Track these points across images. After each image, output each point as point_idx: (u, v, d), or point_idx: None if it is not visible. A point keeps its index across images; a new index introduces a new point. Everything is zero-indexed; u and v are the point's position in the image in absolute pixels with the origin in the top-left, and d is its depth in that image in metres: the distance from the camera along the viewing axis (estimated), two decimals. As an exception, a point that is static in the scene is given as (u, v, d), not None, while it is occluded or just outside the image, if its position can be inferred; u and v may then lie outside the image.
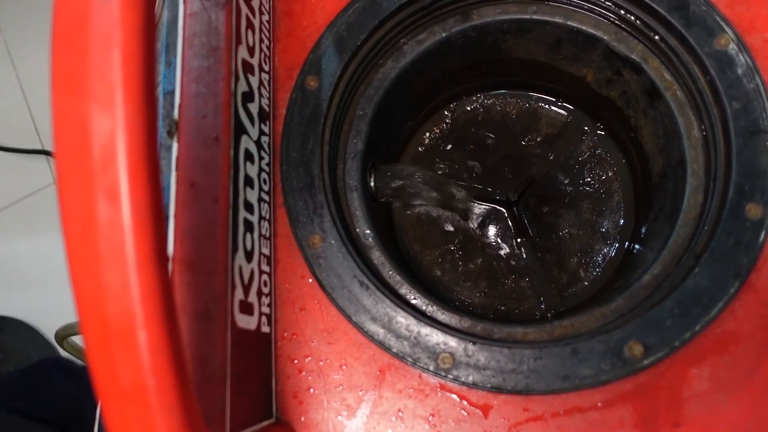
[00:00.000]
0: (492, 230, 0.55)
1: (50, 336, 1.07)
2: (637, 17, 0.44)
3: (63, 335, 0.91)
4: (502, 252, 0.54)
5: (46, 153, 1.13)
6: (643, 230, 0.50)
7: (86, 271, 0.22)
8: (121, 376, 0.23)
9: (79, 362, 0.95)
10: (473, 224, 0.55)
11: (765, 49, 0.41)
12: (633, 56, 0.45)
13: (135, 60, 0.23)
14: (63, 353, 1.04)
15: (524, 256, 0.54)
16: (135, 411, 0.23)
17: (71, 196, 0.22)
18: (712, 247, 0.39)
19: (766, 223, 0.38)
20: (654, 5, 0.43)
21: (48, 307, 1.09)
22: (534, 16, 0.47)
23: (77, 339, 0.96)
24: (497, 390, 0.38)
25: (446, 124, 0.57)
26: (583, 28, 0.46)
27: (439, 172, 0.54)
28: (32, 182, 1.15)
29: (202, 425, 0.25)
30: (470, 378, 0.38)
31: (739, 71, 0.41)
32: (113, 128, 0.22)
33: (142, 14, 0.23)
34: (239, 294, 0.35)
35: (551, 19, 0.47)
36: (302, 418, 0.39)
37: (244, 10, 0.41)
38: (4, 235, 1.14)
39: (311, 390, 0.40)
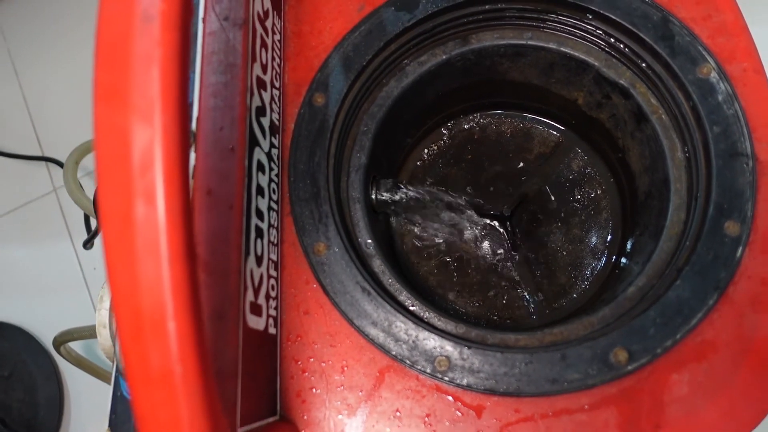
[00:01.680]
0: (486, 243, 0.57)
1: (45, 342, 1.08)
2: (625, 45, 0.47)
3: (60, 341, 0.92)
4: (495, 264, 0.56)
5: (47, 160, 1.15)
6: (629, 245, 0.52)
7: (123, 265, 0.25)
8: (151, 362, 0.25)
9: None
10: (468, 238, 0.57)
11: (744, 77, 0.44)
12: (622, 81, 0.48)
13: (172, 76, 0.25)
14: (59, 359, 1.06)
15: (516, 268, 0.56)
16: (162, 394, 0.25)
17: (111, 197, 0.25)
18: (692, 261, 0.41)
19: (743, 239, 0.41)
20: (641, 35, 0.46)
21: (44, 313, 1.10)
22: (529, 42, 0.50)
23: (74, 345, 0.98)
24: (490, 392, 0.40)
25: (444, 141, 0.60)
26: (576, 54, 0.49)
27: (436, 187, 0.57)
28: (32, 190, 1.16)
29: (220, 411, 0.27)
30: (465, 380, 0.41)
31: (720, 98, 0.44)
32: (152, 137, 0.24)
33: (180, 35, 0.25)
34: (250, 296, 0.38)
35: (545, 45, 0.50)
36: (305, 416, 0.41)
37: (259, 30, 0.43)
38: (2, 241, 1.15)
39: (314, 390, 0.42)
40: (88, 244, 0.88)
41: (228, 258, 0.36)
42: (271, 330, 0.41)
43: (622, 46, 0.47)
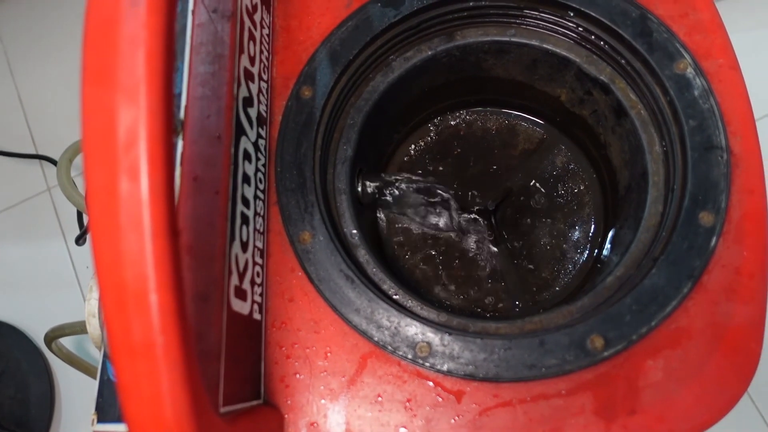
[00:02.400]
0: (471, 237, 0.58)
1: (37, 340, 1.09)
2: (605, 42, 0.48)
3: (52, 336, 0.92)
4: (480, 257, 0.57)
5: (41, 158, 1.15)
6: (610, 238, 0.53)
7: (107, 239, 0.26)
8: (134, 333, 0.26)
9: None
10: (453, 231, 0.58)
11: (719, 73, 0.45)
12: (602, 77, 0.49)
13: (157, 58, 0.26)
14: (51, 357, 1.06)
15: (501, 262, 0.57)
16: (144, 365, 0.26)
17: (97, 173, 0.26)
18: (668, 251, 0.42)
19: (717, 229, 0.42)
20: (621, 32, 0.47)
21: (36, 311, 1.10)
22: (512, 39, 0.51)
23: (65, 342, 0.98)
24: (470, 377, 0.41)
25: (431, 137, 0.61)
26: (558, 50, 0.50)
27: (422, 179, 0.58)
28: (26, 189, 1.17)
29: (201, 385, 0.28)
30: (445, 366, 0.42)
31: (696, 93, 0.45)
32: (137, 116, 0.25)
33: (165, 19, 0.26)
34: (235, 280, 0.39)
35: (528, 42, 0.51)
36: (288, 401, 0.42)
37: (247, 23, 0.44)
38: (-5, 239, 1.15)
39: (297, 375, 0.43)
40: (80, 239, 0.89)
41: (213, 242, 0.37)
42: (256, 315, 0.42)
43: (602, 42, 0.49)
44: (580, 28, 0.49)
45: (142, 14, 0.26)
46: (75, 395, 1.07)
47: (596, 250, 0.56)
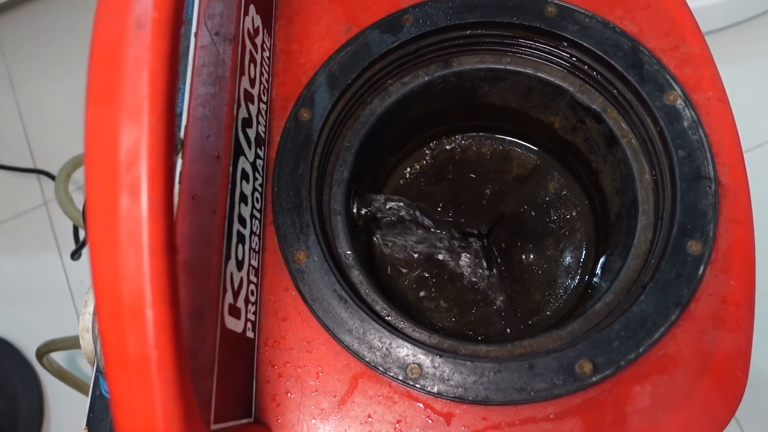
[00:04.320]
0: (463, 260, 0.59)
1: (28, 354, 1.08)
2: (598, 72, 0.50)
3: (44, 351, 0.92)
4: (472, 281, 0.58)
5: (39, 172, 1.16)
6: (600, 264, 0.54)
7: (106, 254, 0.26)
8: (129, 348, 0.26)
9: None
10: (446, 254, 0.59)
11: (708, 105, 0.46)
12: (594, 107, 0.50)
13: (161, 79, 0.27)
14: (41, 372, 1.06)
15: (492, 286, 0.58)
16: (138, 380, 0.26)
17: (98, 189, 0.26)
18: (656, 279, 0.43)
19: (705, 258, 0.43)
20: (613, 62, 0.48)
21: (28, 325, 1.10)
22: (508, 67, 0.52)
23: (56, 357, 0.98)
24: (460, 400, 0.42)
25: (426, 161, 0.62)
26: (551, 79, 0.52)
27: (416, 203, 0.58)
28: (22, 202, 1.17)
29: (194, 400, 0.29)
30: (435, 388, 0.42)
31: (685, 124, 0.46)
32: (139, 135, 0.26)
33: (170, 42, 0.27)
34: (229, 298, 0.39)
35: (523, 70, 0.52)
36: (279, 420, 0.42)
37: (249, 46, 0.45)
38: (-10, 252, 1.16)
39: (289, 394, 0.43)
40: (75, 254, 0.89)
41: (209, 260, 0.38)
42: (249, 334, 0.42)
43: (594, 72, 0.50)
44: (574, 58, 0.50)
45: (147, 37, 0.27)
46: (64, 411, 1.06)
47: (587, 276, 0.56)
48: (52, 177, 1.15)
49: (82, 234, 0.97)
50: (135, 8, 0.27)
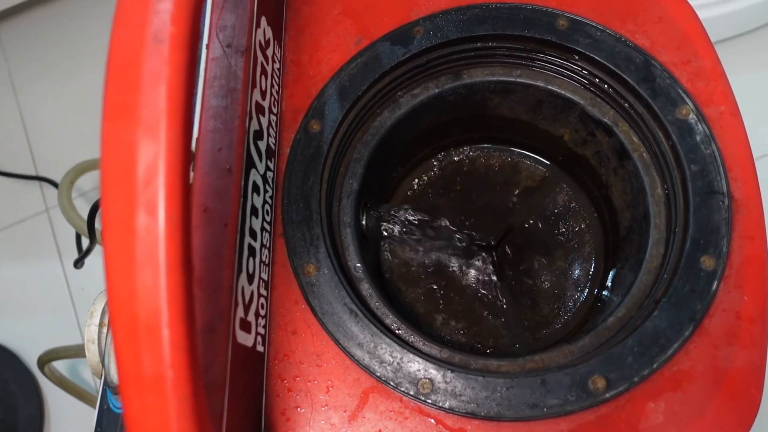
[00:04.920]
0: (472, 273, 0.58)
1: (29, 362, 1.08)
2: (609, 86, 0.49)
3: (45, 360, 0.92)
4: (480, 293, 0.58)
5: (41, 179, 1.16)
6: (610, 278, 0.54)
7: (122, 272, 0.26)
8: (144, 366, 0.26)
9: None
10: (454, 266, 0.59)
11: (720, 120, 0.46)
12: (605, 120, 0.50)
13: (179, 95, 0.27)
14: (42, 380, 1.05)
15: (501, 298, 0.58)
16: (153, 398, 0.26)
17: (115, 207, 0.26)
18: (670, 294, 0.43)
19: (719, 273, 0.43)
20: (625, 76, 0.48)
21: (29, 333, 1.09)
22: (518, 79, 0.52)
23: (58, 366, 0.97)
24: (471, 415, 0.41)
25: (434, 172, 0.62)
26: (562, 92, 0.51)
27: (425, 214, 0.58)
28: (24, 209, 1.17)
29: (208, 419, 0.28)
30: (447, 403, 0.42)
31: (698, 138, 0.46)
32: (157, 152, 0.26)
33: (187, 56, 0.27)
34: (240, 312, 0.39)
35: (533, 83, 0.52)
36: (288, 435, 0.42)
37: (260, 58, 0.45)
38: (-9, 259, 1.15)
39: (299, 409, 0.43)
40: (78, 263, 0.88)
41: (221, 274, 0.37)
42: (259, 348, 0.42)
43: (606, 86, 0.50)
44: (585, 72, 0.50)
45: (165, 51, 0.27)
46: (65, 420, 1.06)
47: (596, 290, 0.56)
48: (54, 184, 1.15)
49: (84, 242, 0.96)
50: (153, 22, 0.27)
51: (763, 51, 1.11)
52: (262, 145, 0.45)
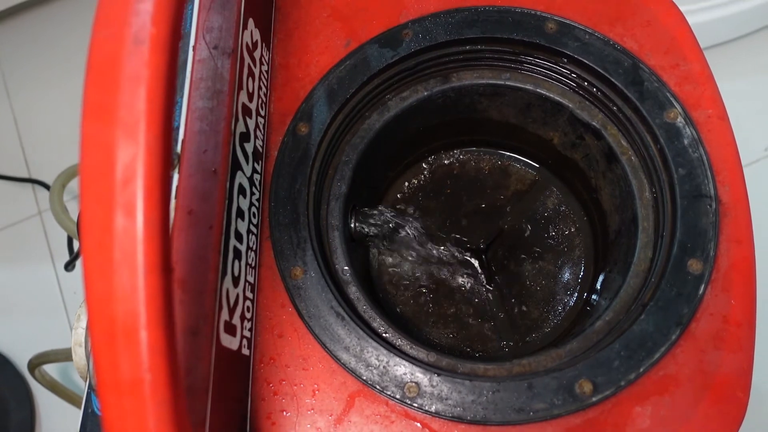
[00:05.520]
0: (461, 276, 0.58)
1: (20, 365, 1.07)
2: (598, 89, 0.49)
3: (36, 363, 0.91)
4: (469, 297, 0.58)
5: (34, 182, 1.15)
6: (599, 281, 0.54)
7: (100, 274, 0.26)
8: (122, 369, 0.26)
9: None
10: (444, 270, 0.58)
11: (708, 123, 0.46)
12: (594, 123, 0.50)
13: (158, 96, 0.26)
14: (33, 384, 1.04)
15: (490, 302, 0.57)
16: (131, 402, 0.26)
17: (93, 208, 0.26)
18: (657, 297, 0.43)
19: (706, 277, 0.43)
20: (613, 79, 0.48)
21: (21, 336, 1.09)
22: (507, 82, 0.52)
23: (49, 369, 0.97)
24: (458, 420, 0.41)
25: (424, 176, 0.62)
26: (551, 95, 0.51)
27: (413, 217, 0.58)
28: (16, 212, 1.16)
29: (188, 423, 0.28)
30: (433, 407, 0.41)
31: (686, 142, 0.46)
32: (135, 153, 0.26)
33: (168, 58, 0.27)
34: (225, 315, 0.38)
35: (522, 86, 0.52)
36: (274, 439, 0.42)
37: (247, 60, 0.45)
38: (-18, 262, 1.14)
39: (284, 412, 0.42)
40: (69, 266, 0.88)
41: (205, 277, 0.37)
42: (245, 351, 0.42)
43: (594, 89, 0.50)
44: (574, 75, 0.50)
45: (144, 53, 0.27)
46: (56, 424, 1.05)
47: (585, 293, 0.56)
48: (47, 187, 1.14)
49: (76, 245, 0.96)
50: (133, 24, 0.27)
51: (749, 57, 1.11)
52: (249, 147, 0.45)
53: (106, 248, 0.26)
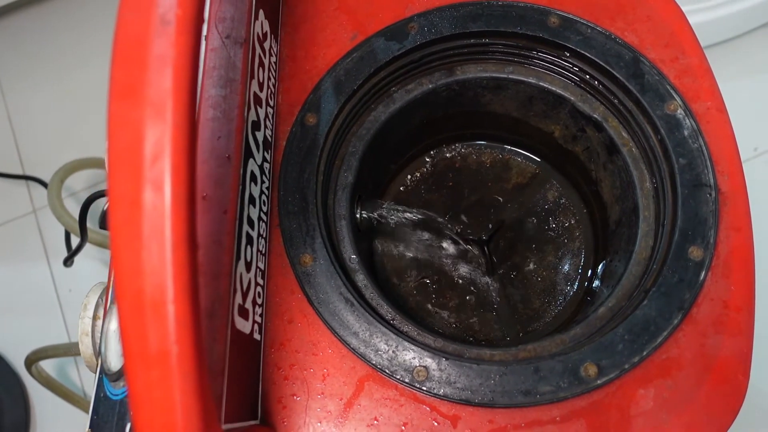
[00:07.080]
0: (464, 267, 0.59)
1: (15, 364, 1.06)
2: (599, 82, 0.51)
3: (33, 359, 0.91)
4: (472, 287, 0.58)
5: (29, 179, 1.15)
6: (600, 271, 0.55)
7: (129, 249, 0.26)
8: (150, 342, 0.26)
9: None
10: (447, 260, 0.59)
11: (707, 115, 0.47)
12: (595, 115, 0.51)
13: (185, 75, 0.27)
14: (28, 382, 1.04)
15: (492, 292, 0.58)
16: (158, 374, 0.26)
17: (122, 184, 0.26)
18: (659, 283, 0.44)
19: (706, 263, 0.44)
20: (614, 72, 0.49)
21: (15, 334, 1.08)
22: (510, 76, 0.53)
23: (45, 365, 0.96)
24: (466, 402, 0.42)
25: (427, 168, 0.63)
26: (553, 88, 0.52)
27: (417, 209, 0.59)
28: (11, 209, 1.16)
29: (211, 396, 0.29)
30: (442, 391, 0.42)
31: (686, 133, 0.47)
32: (163, 130, 0.26)
33: (193, 39, 0.27)
34: (239, 298, 0.39)
35: (525, 79, 0.53)
36: (285, 422, 0.42)
37: (258, 50, 0.46)
38: (-24, 261, 1.14)
39: (295, 396, 0.43)
40: (68, 261, 0.88)
41: (220, 260, 0.38)
42: (256, 336, 0.42)
43: (596, 82, 0.51)
44: (576, 68, 0.51)
45: (171, 33, 0.27)
46: (51, 421, 1.05)
47: (586, 283, 0.57)
48: (42, 183, 1.14)
49: (74, 241, 0.96)
50: (160, 5, 0.28)
51: (746, 56, 1.13)
52: (260, 136, 0.45)
53: (134, 223, 0.26)
